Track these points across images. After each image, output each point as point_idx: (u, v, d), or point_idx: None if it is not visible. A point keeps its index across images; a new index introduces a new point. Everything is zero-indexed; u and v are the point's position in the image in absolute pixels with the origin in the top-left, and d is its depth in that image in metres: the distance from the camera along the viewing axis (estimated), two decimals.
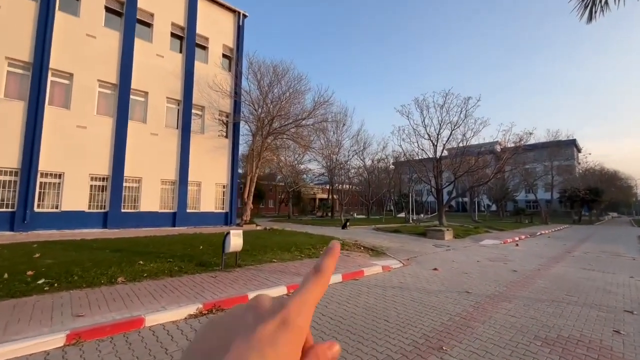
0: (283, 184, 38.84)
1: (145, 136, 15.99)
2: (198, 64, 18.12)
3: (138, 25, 16.12)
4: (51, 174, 13.57)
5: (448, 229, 17.14)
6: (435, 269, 8.79)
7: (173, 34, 17.47)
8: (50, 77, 13.65)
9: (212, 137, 18.81)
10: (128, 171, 15.28)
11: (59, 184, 13.72)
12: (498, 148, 34.04)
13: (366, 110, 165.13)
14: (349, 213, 42.27)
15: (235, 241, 7.58)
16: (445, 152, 26.40)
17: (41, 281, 5.88)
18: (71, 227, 13.47)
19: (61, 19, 13.89)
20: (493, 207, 52.33)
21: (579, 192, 38.91)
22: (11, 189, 12.64)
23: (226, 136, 19.67)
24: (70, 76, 14.17)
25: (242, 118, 19.93)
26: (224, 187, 19.29)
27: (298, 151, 28.52)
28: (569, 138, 46.04)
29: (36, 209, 13.01)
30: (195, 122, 18.12)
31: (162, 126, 16.69)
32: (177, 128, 17.30)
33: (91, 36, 14.66)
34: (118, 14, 15.72)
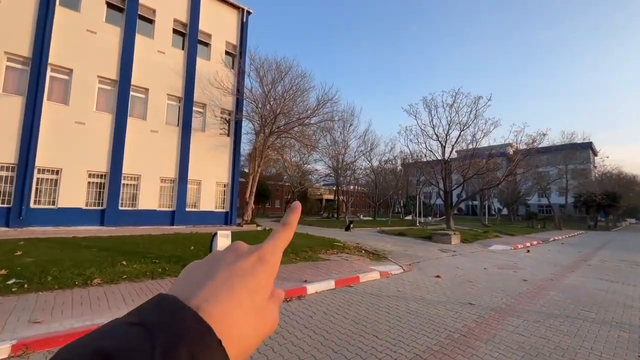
0: (289, 184, 38.45)
1: (145, 133, 15.76)
2: (200, 61, 17.83)
3: (139, 21, 15.92)
4: (48, 170, 13.41)
5: (455, 233, 16.41)
6: (437, 276, 8.19)
7: (175, 31, 17.22)
8: (49, 73, 13.52)
9: (214, 135, 18.49)
10: (127, 168, 15.05)
11: (56, 180, 13.55)
12: (510, 150, 32.93)
13: (374, 111, 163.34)
14: (356, 214, 41.62)
15: (222, 243, 7.16)
16: (454, 154, 25.60)
17: (11, 281, 5.54)
18: (68, 224, 13.27)
19: (61, 14, 13.76)
20: (504, 211, 50.83)
21: (596, 197, 37.37)
22: (7, 185, 12.52)
23: (228, 134, 19.33)
24: (69, 72, 14.03)
25: (245, 116, 19.57)
26: (225, 186, 18.94)
27: (303, 151, 28.04)
28: (585, 141, 44.18)
29: (32, 205, 12.86)
30: (196, 120, 17.82)
31: (163, 123, 16.45)
32: (178, 125, 17.02)
33: (92, 32, 14.51)
34: (119, 10, 15.54)
